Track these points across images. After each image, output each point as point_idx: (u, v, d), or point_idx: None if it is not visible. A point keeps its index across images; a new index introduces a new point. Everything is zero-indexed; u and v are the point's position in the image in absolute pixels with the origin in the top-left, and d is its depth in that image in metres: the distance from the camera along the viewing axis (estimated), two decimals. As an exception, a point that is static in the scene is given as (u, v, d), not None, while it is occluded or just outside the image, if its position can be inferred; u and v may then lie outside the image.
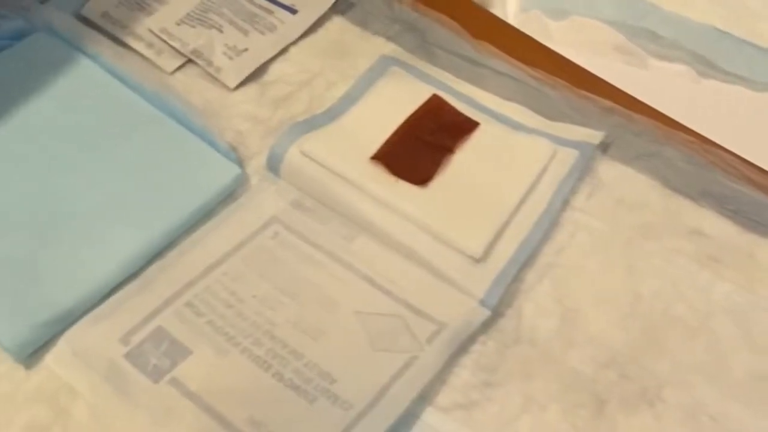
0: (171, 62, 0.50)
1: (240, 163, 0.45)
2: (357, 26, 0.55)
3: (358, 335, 0.39)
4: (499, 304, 0.41)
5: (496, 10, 0.58)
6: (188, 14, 0.52)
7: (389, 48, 0.53)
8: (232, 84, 0.50)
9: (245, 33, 0.52)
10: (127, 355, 0.37)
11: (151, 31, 0.51)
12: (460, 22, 0.55)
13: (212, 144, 0.45)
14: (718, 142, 0.50)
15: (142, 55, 0.50)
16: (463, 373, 0.39)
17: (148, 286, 0.39)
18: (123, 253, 0.40)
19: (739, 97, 0.57)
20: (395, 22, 0.55)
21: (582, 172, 0.47)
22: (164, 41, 0.51)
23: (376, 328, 0.39)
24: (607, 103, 0.51)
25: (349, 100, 0.49)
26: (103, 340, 0.37)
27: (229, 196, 0.44)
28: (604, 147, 0.49)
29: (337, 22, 0.55)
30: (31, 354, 0.37)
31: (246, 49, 0.51)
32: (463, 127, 0.48)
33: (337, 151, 0.44)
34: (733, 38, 0.58)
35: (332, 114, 0.48)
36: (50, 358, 0.37)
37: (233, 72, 0.50)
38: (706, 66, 0.57)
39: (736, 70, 0.57)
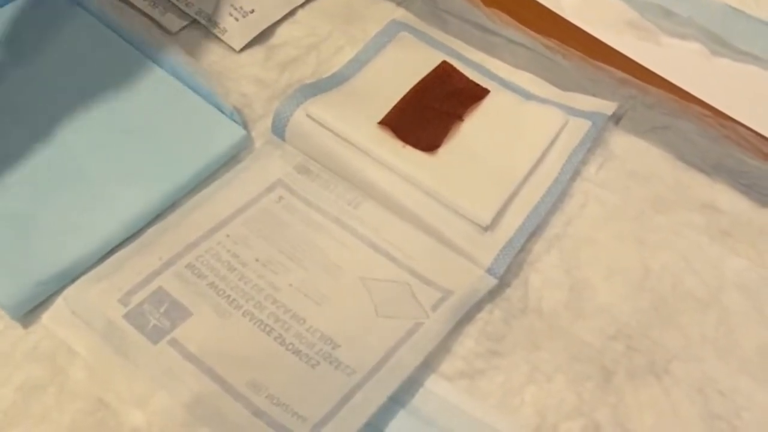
0: (175, 22, 0.49)
1: (245, 125, 0.44)
2: (367, -10, 0.53)
3: (362, 301, 0.38)
4: (506, 274, 0.40)
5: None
6: (194, -26, 0.51)
7: (399, 13, 0.52)
8: (238, 46, 0.49)
9: (252, -6, 0.51)
10: (127, 315, 0.36)
11: (155, -10, 0.50)
12: (472, -11, 0.53)
13: (217, 105, 0.44)
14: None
15: (146, 14, 0.49)
16: (468, 342, 0.38)
17: (149, 247, 0.39)
18: (124, 212, 0.39)
19: (752, 77, 0.56)
20: (406, -13, 0.54)
21: (594, 143, 0.46)
22: (168, 0, 0.49)
23: (381, 294, 0.38)
24: (621, 74, 0.50)
25: (357, 64, 0.48)
26: (102, 300, 0.37)
27: (233, 158, 0.43)
28: (616, 118, 0.48)
29: (346, -14, 0.54)
30: (29, 312, 0.37)
31: (252, 11, 0.50)
32: (473, 94, 0.47)
33: (344, 115, 0.43)
34: (748, 17, 0.56)
35: (339, 78, 0.46)
36: (48, 317, 0.37)
37: (239, 34, 0.49)
38: (719, 44, 0.55)
39: (749, 49, 0.56)
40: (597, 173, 0.45)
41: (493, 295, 0.40)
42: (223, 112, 0.44)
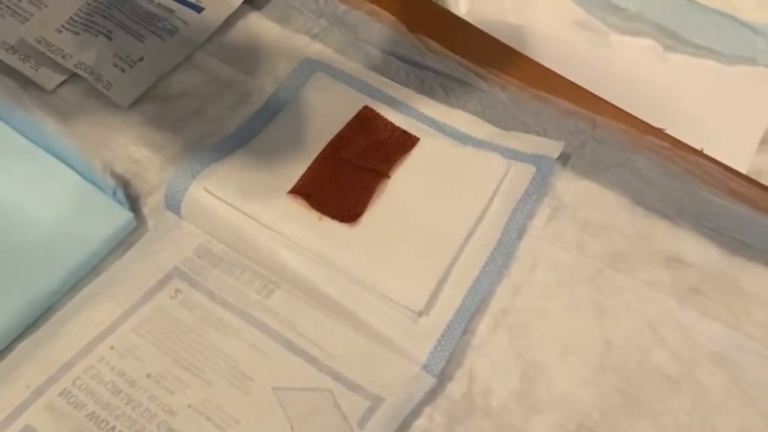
0: (51, 78, 0.42)
1: (134, 201, 0.38)
2: (276, 23, 0.47)
3: (276, 420, 0.32)
4: (447, 364, 0.34)
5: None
6: (70, 19, 0.44)
7: (314, 48, 0.46)
8: (126, 102, 0.42)
9: (140, 38, 0.44)
10: (-16, 469, 0.30)
11: (25, 41, 0.43)
12: (396, 15, 0.47)
13: (96, 182, 0.37)
14: (688, 122, 0.45)
15: (15, 71, 0.42)
16: (405, 459, 0.32)
17: (15, 372, 0.32)
18: (-18, 330, 0.32)
19: (709, 72, 0.53)
20: (321, 17, 0.47)
21: (540, 191, 0.40)
22: (42, 53, 0.42)
23: (298, 409, 0.32)
24: (566, 104, 0.44)
25: (264, 116, 0.41)
26: (-44, 449, 0.30)
27: (118, 246, 0.36)
28: (564, 158, 0.42)
29: (252, 20, 0.47)
30: None
31: (142, 59, 0.43)
32: (400, 144, 0.41)
33: (247, 186, 0.37)
34: (701, 7, 0.54)
35: (242, 137, 0.40)
36: None
37: (127, 87, 0.42)
38: (672, 39, 0.53)
39: (705, 42, 0.53)
40: (545, 227, 0.40)
41: (432, 394, 0.34)
42: (103, 191, 0.37)
